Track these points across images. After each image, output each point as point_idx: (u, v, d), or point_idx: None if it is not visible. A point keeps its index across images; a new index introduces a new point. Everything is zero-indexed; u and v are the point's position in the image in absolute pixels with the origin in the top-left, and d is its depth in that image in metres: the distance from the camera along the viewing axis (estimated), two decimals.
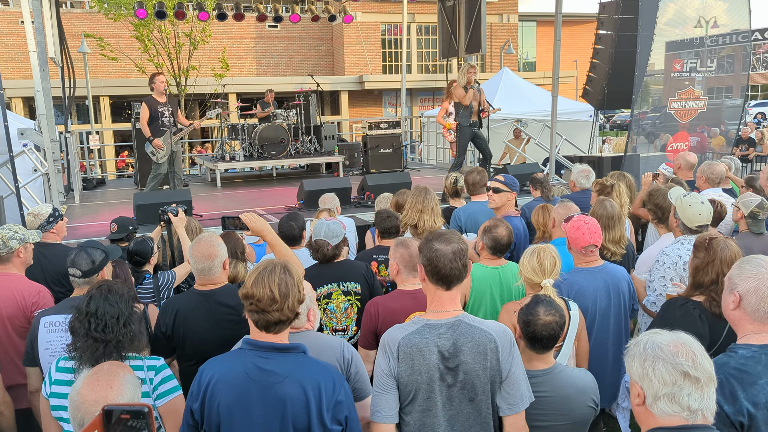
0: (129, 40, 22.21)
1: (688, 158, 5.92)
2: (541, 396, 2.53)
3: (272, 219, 7.36)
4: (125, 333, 2.45)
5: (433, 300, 2.39)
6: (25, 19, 7.00)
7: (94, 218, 8.08)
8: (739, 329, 2.23)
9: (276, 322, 2.18)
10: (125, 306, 2.51)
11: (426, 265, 2.36)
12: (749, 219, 4.12)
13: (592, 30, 11.81)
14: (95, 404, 1.88)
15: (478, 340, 2.29)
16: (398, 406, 2.30)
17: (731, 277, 2.26)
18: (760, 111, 30.50)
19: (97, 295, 2.52)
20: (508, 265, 3.69)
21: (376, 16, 28.37)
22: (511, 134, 13.47)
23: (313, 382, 2.14)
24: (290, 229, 4.15)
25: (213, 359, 2.28)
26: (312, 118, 12.52)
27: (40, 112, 7.20)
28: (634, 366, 1.75)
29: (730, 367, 2.10)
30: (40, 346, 3.03)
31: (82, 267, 3.12)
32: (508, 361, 2.32)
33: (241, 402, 2.14)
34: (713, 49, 10.29)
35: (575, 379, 2.63)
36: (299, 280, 2.24)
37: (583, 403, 2.60)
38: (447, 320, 2.32)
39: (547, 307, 2.57)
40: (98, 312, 2.46)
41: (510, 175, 4.80)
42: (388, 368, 2.29)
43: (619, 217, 4.16)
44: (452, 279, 2.34)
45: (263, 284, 2.17)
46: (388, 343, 2.32)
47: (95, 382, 1.94)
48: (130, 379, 2.00)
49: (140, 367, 2.50)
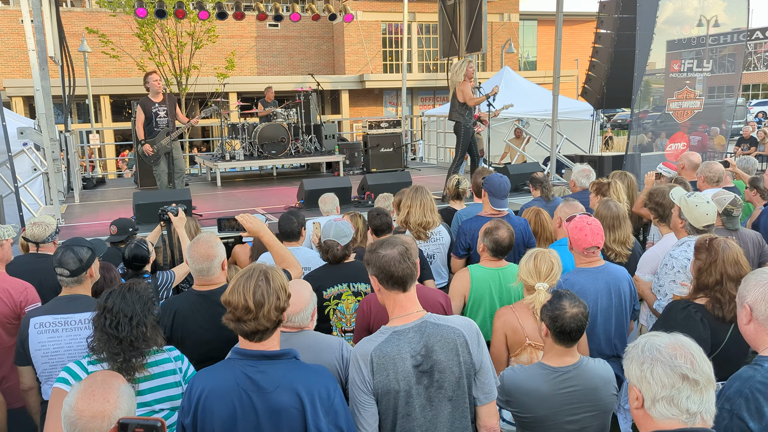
0: (130, 39, 22.21)
1: (692, 158, 5.89)
2: (573, 390, 2.56)
3: (272, 219, 7.35)
4: (137, 333, 2.46)
5: (394, 306, 2.38)
6: (24, 18, 6.97)
7: (94, 218, 8.07)
8: (759, 343, 2.15)
9: (252, 331, 2.13)
10: (142, 306, 2.52)
11: (378, 274, 2.36)
12: (724, 216, 4.16)
13: (593, 29, 11.78)
14: (92, 419, 1.83)
15: (447, 337, 2.30)
16: (377, 420, 2.28)
17: (740, 293, 2.23)
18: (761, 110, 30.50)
19: (117, 292, 2.56)
20: (508, 267, 3.68)
21: (377, 15, 28.36)
22: (512, 134, 13.46)
23: (307, 389, 2.09)
24: (289, 223, 4.13)
25: (201, 372, 2.23)
26: (312, 117, 12.51)
27: (39, 111, 7.18)
28: (633, 369, 1.73)
29: (756, 381, 2.01)
30: (32, 347, 3.02)
31: (69, 266, 3.08)
32: (479, 353, 2.35)
33: (234, 415, 2.09)
34: (714, 48, 10.28)
35: (600, 370, 2.66)
36: (280, 286, 2.16)
37: (609, 392, 2.64)
38: (413, 323, 2.32)
39: (571, 300, 2.58)
40: (114, 309, 2.49)
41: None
42: (364, 383, 2.26)
43: (624, 218, 4.14)
44: (406, 279, 2.35)
45: (238, 292, 2.12)
46: (360, 357, 2.29)
47: (91, 396, 1.88)
48: (125, 390, 1.95)
49: (168, 359, 2.56)
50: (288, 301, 2.20)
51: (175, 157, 8.34)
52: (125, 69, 24.22)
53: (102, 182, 12.59)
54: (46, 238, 4.12)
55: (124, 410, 1.89)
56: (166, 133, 8.16)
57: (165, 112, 8.22)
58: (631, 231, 4.24)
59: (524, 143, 13.06)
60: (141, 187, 10.54)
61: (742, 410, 1.94)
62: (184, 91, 22.32)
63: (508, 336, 3.14)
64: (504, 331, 3.14)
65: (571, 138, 12.79)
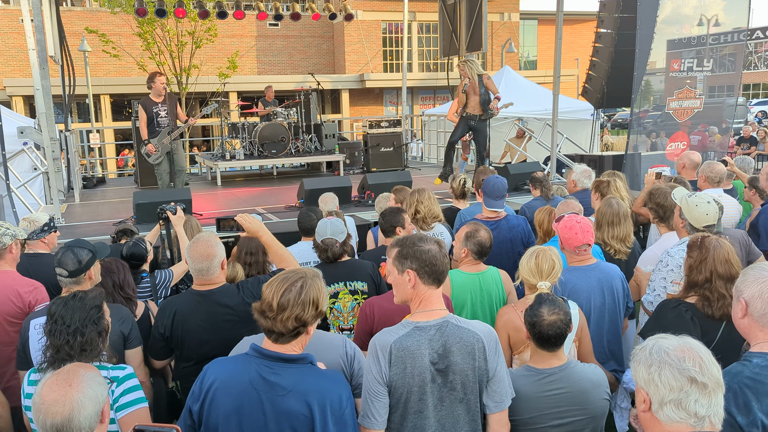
0: (130, 38, 22.20)
1: (692, 157, 5.88)
2: (560, 393, 2.54)
3: (272, 218, 7.35)
4: (73, 342, 2.40)
5: (422, 301, 2.38)
6: (24, 18, 6.97)
7: (94, 217, 8.07)
8: (751, 337, 2.17)
9: (268, 329, 2.14)
10: (82, 316, 2.45)
11: (421, 268, 2.35)
12: None
13: (594, 28, 11.78)
14: (55, 404, 1.83)
15: (466, 340, 2.30)
16: (387, 412, 2.28)
17: (737, 286, 2.22)
18: (761, 110, 30.49)
19: (62, 299, 2.52)
20: (488, 271, 3.65)
21: (377, 14, 28.33)
22: (513, 133, 13.45)
23: (319, 397, 2.10)
24: (309, 220, 4.19)
25: (218, 361, 2.24)
26: (312, 116, 12.51)
27: (39, 110, 7.18)
28: (640, 371, 1.70)
29: (744, 376, 2.03)
30: (32, 348, 2.99)
31: (68, 267, 3.05)
32: (495, 361, 2.34)
33: (242, 412, 2.10)
34: (714, 47, 10.27)
35: (589, 373, 2.65)
36: (311, 299, 2.14)
37: (600, 396, 2.62)
38: (435, 321, 2.32)
39: (550, 306, 2.57)
40: (54, 316, 2.46)
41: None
42: (380, 374, 2.26)
43: (626, 215, 4.14)
44: (444, 275, 2.38)
45: (272, 288, 2.15)
46: (378, 347, 2.29)
47: (55, 382, 1.89)
48: (92, 376, 1.93)
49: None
50: (315, 318, 2.19)
51: (176, 156, 8.36)
52: (125, 68, 24.21)
53: (102, 181, 12.59)
54: (30, 235, 4.05)
55: (90, 396, 1.87)
56: (168, 133, 8.18)
57: (166, 112, 8.26)
58: (632, 229, 4.24)
59: (524, 142, 13.04)
60: (141, 186, 10.55)
61: (731, 405, 1.94)
62: (185, 90, 22.31)
63: (510, 335, 3.13)
64: (506, 330, 3.13)
65: (571, 137, 12.79)
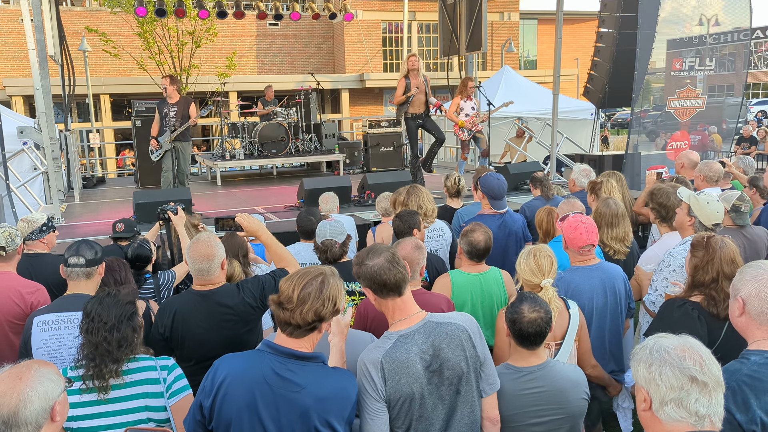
0: (130, 38, 22.19)
1: (691, 156, 5.87)
2: (539, 391, 2.55)
3: (272, 218, 7.35)
4: (110, 339, 2.46)
5: (393, 311, 2.38)
6: (24, 17, 6.97)
7: (94, 217, 8.07)
8: (749, 335, 2.18)
9: (286, 321, 2.16)
10: (117, 311, 2.52)
11: (370, 285, 2.36)
12: (733, 213, 4.16)
13: (594, 28, 11.78)
14: (3, 395, 1.87)
15: (452, 334, 2.32)
16: (389, 427, 2.27)
17: (734, 284, 2.23)
18: (761, 109, 30.48)
19: (97, 297, 2.60)
20: (489, 272, 3.64)
21: (377, 14, 28.32)
22: (513, 132, 13.45)
23: (331, 395, 2.13)
24: (308, 222, 4.17)
25: (230, 356, 2.25)
26: (312, 116, 12.51)
27: (39, 110, 7.18)
28: (641, 370, 1.70)
29: (743, 374, 2.04)
30: (34, 345, 3.00)
31: (86, 255, 3.16)
32: (482, 345, 2.38)
33: (255, 407, 2.12)
34: (715, 47, 10.27)
35: (568, 373, 2.66)
36: (330, 296, 2.18)
37: (578, 396, 2.63)
38: (417, 325, 2.32)
39: (531, 304, 2.56)
40: (91, 314, 2.53)
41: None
42: (376, 391, 2.24)
43: (624, 215, 4.13)
44: (399, 284, 2.35)
45: (292, 281, 2.18)
46: (369, 365, 2.26)
47: (7, 375, 1.93)
48: (45, 373, 1.97)
49: (153, 367, 2.54)
50: (332, 315, 2.22)
51: (180, 155, 8.38)
52: (125, 68, 24.20)
53: (102, 181, 12.59)
54: (29, 235, 4.03)
55: (40, 392, 1.91)
56: (170, 132, 8.22)
57: (174, 113, 8.34)
58: (630, 229, 4.23)
59: (524, 142, 13.04)
60: (141, 186, 10.55)
61: (729, 402, 1.95)
62: (185, 90, 22.30)
63: None
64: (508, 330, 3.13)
65: (571, 137, 12.78)
